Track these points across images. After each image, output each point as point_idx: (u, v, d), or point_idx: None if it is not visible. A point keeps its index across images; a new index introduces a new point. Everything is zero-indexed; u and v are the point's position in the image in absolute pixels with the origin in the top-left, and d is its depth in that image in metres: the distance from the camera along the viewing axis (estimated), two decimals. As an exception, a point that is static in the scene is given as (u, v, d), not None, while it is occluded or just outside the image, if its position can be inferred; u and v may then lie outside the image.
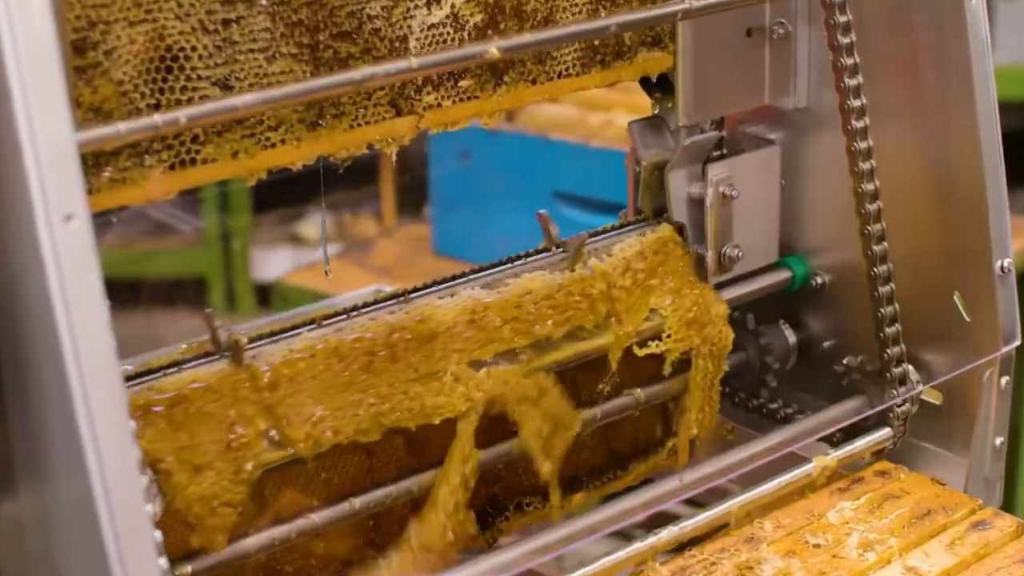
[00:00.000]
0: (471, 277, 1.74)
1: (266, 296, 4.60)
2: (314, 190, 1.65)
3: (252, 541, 1.53)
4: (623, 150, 1.92)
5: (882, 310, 1.81)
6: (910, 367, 1.85)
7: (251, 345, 1.55)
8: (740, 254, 1.85)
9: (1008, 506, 1.82)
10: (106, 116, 1.40)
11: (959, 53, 1.73)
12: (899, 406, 1.84)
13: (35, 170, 1.13)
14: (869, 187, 1.77)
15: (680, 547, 1.67)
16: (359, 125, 1.58)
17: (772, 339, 1.95)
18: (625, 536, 1.69)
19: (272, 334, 1.59)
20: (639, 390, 1.83)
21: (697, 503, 2.00)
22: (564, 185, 3.47)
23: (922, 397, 1.86)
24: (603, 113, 3.45)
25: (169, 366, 1.51)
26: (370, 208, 5.08)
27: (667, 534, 1.66)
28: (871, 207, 1.78)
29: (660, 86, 1.83)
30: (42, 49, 1.14)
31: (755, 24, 1.84)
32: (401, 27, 1.59)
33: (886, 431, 1.85)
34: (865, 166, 1.76)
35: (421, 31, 1.60)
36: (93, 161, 1.41)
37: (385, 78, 1.47)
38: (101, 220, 1.39)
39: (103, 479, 1.14)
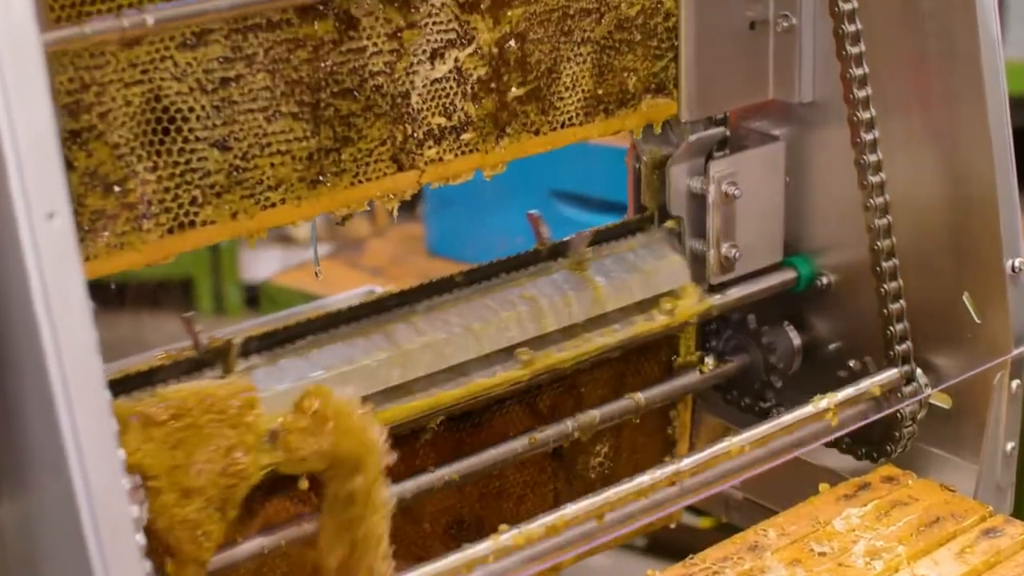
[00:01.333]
0: (466, 279, 1.75)
1: (255, 297, 4.59)
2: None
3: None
4: (623, 147, 1.91)
5: (889, 306, 1.81)
6: (918, 370, 1.85)
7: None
8: (737, 255, 1.85)
9: (1019, 513, 1.82)
10: (102, 180, 1.41)
11: (968, 47, 1.73)
12: (907, 409, 1.84)
13: (15, 167, 1.13)
14: (875, 180, 1.77)
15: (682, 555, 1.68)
16: (360, 182, 1.59)
17: (776, 341, 1.95)
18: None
19: (262, 337, 1.59)
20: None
21: (699, 510, 2.01)
22: (562, 183, 3.47)
23: (931, 401, 1.86)
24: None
25: (157, 371, 1.51)
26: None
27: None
28: (877, 201, 1.78)
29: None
30: (21, 42, 1.14)
31: (758, 16, 1.84)
32: (404, 83, 1.60)
33: (892, 372, 1.84)
34: (871, 158, 1.76)
35: (424, 86, 1.61)
36: (90, 226, 1.41)
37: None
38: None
39: (85, 481, 1.14)
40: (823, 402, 1.78)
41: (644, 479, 1.67)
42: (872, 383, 1.82)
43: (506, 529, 1.56)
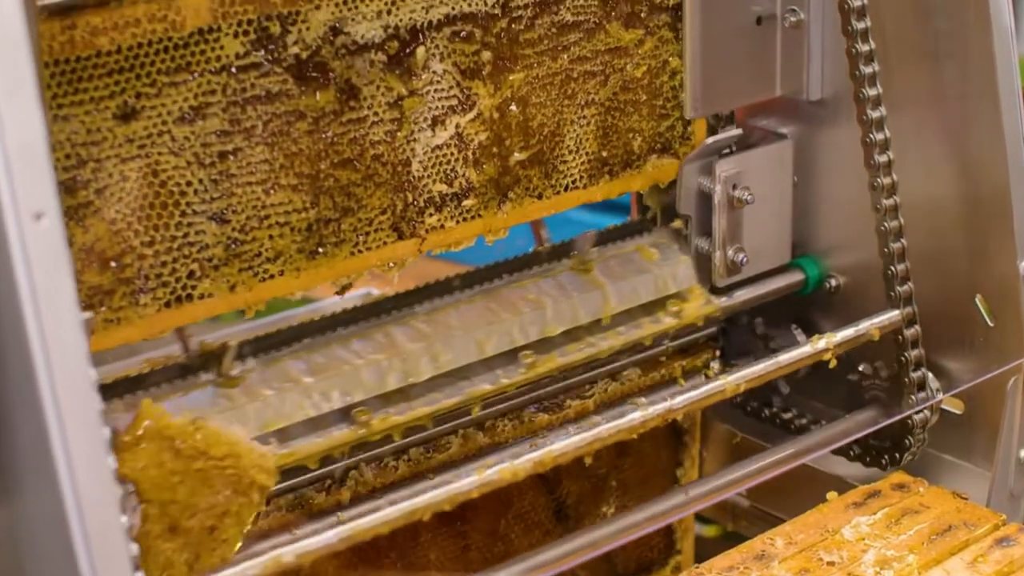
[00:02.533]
0: (466, 281, 1.75)
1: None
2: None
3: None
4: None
5: (899, 306, 1.80)
6: (930, 374, 1.85)
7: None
8: (745, 259, 1.85)
9: (1033, 521, 1.82)
10: (99, 256, 1.42)
11: (981, 43, 1.73)
12: (918, 415, 1.84)
13: (3, 167, 1.13)
14: (886, 181, 1.77)
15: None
16: (360, 252, 1.61)
17: (783, 345, 1.95)
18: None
19: (257, 340, 1.59)
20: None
21: (704, 518, 2.01)
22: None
23: (942, 406, 1.86)
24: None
25: (147, 376, 1.52)
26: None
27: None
28: (887, 202, 1.78)
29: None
30: (11, 40, 1.14)
31: (766, 11, 1.83)
32: (404, 150, 1.61)
33: (894, 313, 1.83)
34: (881, 159, 1.76)
35: (425, 153, 1.62)
36: (86, 303, 1.42)
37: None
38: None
39: (75, 488, 1.14)
40: (821, 342, 1.77)
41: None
42: (871, 324, 1.80)
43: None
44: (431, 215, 1.65)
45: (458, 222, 1.68)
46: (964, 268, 1.82)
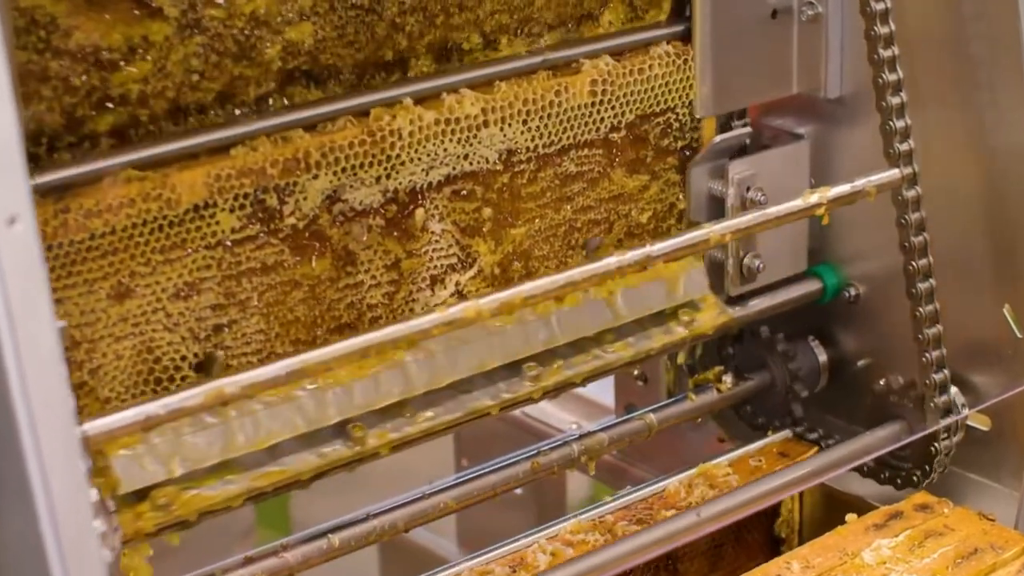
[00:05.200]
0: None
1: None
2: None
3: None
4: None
5: (925, 330, 1.80)
6: (955, 389, 1.84)
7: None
8: (761, 265, 1.84)
9: (1064, 544, 1.82)
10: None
11: (1008, 29, 1.73)
12: (942, 433, 1.83)
13: (-28, 167, 1.12)
14: (910, 195, 1.76)
15: None
16: None
17: (800, 357, 1.95)
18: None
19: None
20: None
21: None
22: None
23: (968, 422, 1.86)
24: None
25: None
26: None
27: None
28: (912, 217, 1.76)
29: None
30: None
31: (781, 4, 1.83)
32: (403, 311, 1.65)
33: (894, 172, 1.77)
34: (906, 171, 1.75)
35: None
36: None
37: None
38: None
39: (53, 520, 1.14)
40: (814, 196, 1.72)
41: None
42: (868, 182, 1.75)
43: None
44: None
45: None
46: (991, 277, 1.81)
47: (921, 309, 1.79)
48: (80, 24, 1.38)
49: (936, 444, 1.83)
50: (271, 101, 1.54)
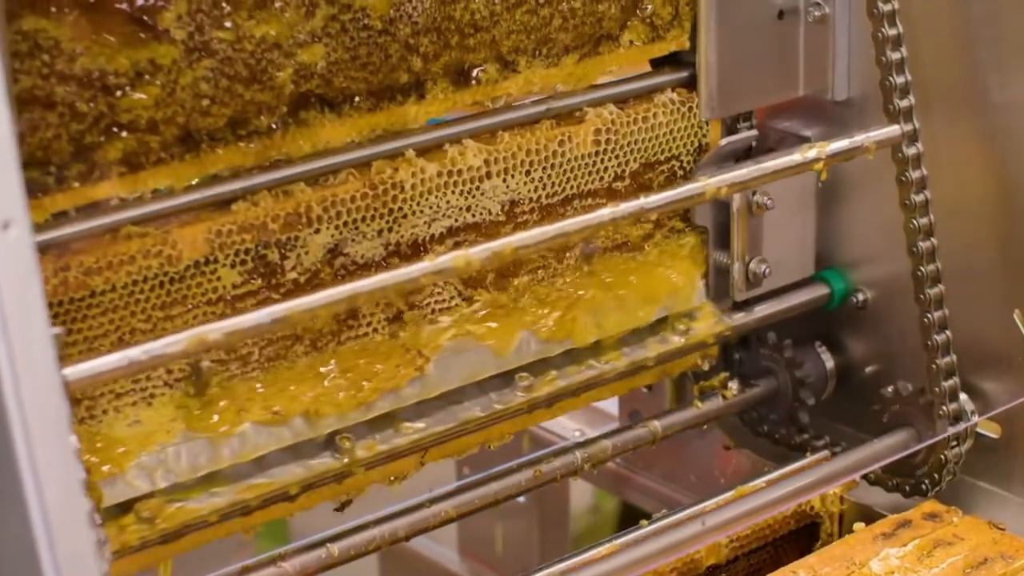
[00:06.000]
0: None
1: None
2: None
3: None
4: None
5: (934, 336, 1.79)
6: (964, 396, 1.84)
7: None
8: (767, 270, 1.84)
9: (1075, 554, 1.81)
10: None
11: (1019, 32, 1.73)
12: (951, 441, 1.83)
13: (-35, 170, 1.12)
14: (919, 199, 1.75)
15: None
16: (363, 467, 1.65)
17: (807, 364, 1.94)
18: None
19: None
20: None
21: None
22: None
23: (978, 430, 1.85)
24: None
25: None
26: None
27: None
28: (921, 222, 1.76)
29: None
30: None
31: (788, 5, 1.83)
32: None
33: (894, 128, 1.76)
34: (914, 175, 1.75)
35: None
36: None
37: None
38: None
39: (47, 529, 1.13)
40: (812, 151, 1.71)
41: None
42: (867, 138, 1.73)
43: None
44: None
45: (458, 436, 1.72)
46: (1001, 282, 1.81)
47: (930, 315, 1.79)
48: (85, 48, 1.38)
49: (945, 452, 1.83)
50: (286, 125, 1.53)
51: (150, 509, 1.48)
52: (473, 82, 1.64)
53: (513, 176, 1.68)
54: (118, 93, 1.40)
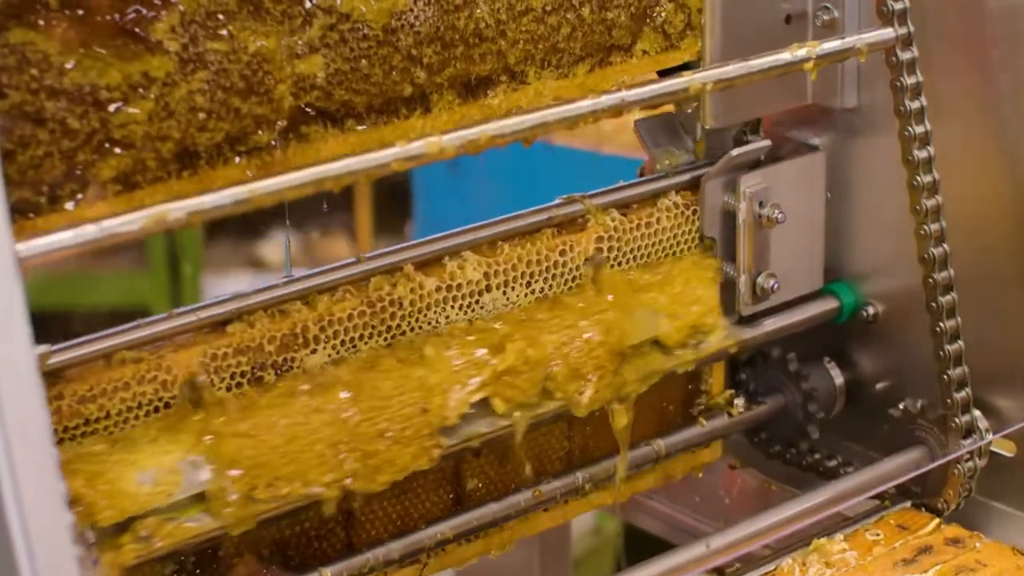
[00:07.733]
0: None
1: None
2: (277, 205, 1.65)
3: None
4: (639, 158, 1.90)
5: (946, 347, 1.79)
6: (978, 413, 1.83)
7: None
8: (776, 285, 1.83)
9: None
10: None
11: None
12: (965, 457, 1.82)
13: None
14: (930, 204, 1.75)
15: None
16: None
17: (816, 380, 1.94)
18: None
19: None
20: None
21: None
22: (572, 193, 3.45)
23: (992, 448, 1.85)
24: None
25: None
26: (342, 226, 5.07)
27: None
28: (932, 227, 1.76)
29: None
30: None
31: (796, 9, 1.83)
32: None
33: (887, 31, 1.73)
34: (925, 179, 1.75)
35: None
36: None
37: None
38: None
39: (28, 546, 1.13)
40: (802, 51, 1.66)
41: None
42: (859, 40, 1.70)
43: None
44: None
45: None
46: (1016, 293, 1.80)
47: (942, 323, 1.78)
48: (76, 61, 1.36)
49: (959, 466, 1.82)
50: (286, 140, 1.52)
51: (147, 527, 1.47)
52: (481, 95, 1.63)
53: (513, 288, 1.68)
54: (111, 108, 1.39)
